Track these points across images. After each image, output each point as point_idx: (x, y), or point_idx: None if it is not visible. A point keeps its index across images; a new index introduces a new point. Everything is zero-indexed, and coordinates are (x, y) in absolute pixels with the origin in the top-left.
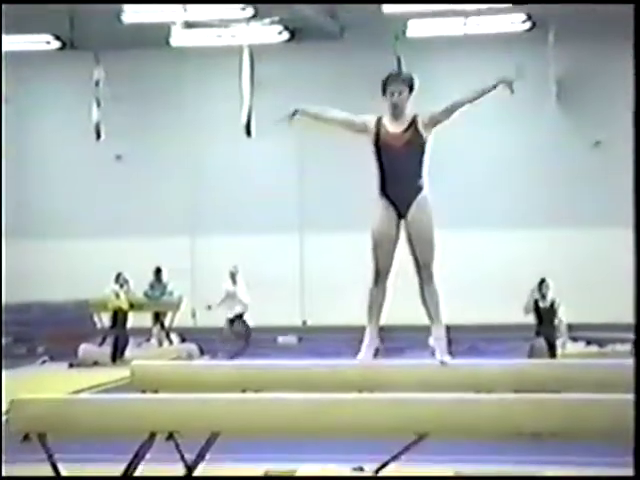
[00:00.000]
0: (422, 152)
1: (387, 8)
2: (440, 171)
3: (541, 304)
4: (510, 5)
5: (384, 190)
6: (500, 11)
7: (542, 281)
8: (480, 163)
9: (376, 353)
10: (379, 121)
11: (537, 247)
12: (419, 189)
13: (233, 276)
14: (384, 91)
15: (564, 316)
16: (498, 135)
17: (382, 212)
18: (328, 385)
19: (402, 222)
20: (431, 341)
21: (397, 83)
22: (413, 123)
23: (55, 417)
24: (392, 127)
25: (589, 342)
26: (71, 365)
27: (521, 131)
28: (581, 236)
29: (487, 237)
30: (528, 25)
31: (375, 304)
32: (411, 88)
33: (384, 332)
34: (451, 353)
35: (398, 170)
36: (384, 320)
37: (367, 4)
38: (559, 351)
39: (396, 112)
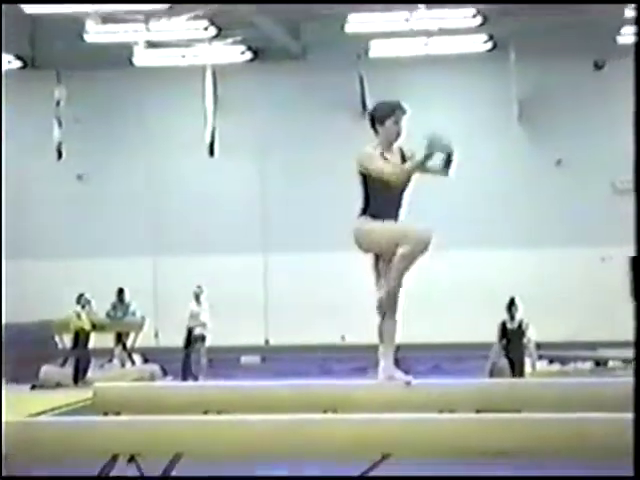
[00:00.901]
0: (407, 186)
1: (350, 28)
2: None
3: (509, 325)
4: (472, 26)
5: (372, 212)
6: (462, 32)
7: (511, 301)
8: (444, 184)
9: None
10: (382, 154)
11: (503, 266)
12: (399, 216)
13: (197, 297)
14: (386, 117)
15: (533, 336)
16: (461, 156)
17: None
18: (292, 406)
19: None
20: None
21: (405, 113)
22: (403, 155)
23: (16, 440)
24: (392, 158)
25: (551, 360)
26: (33, 387)
27: (484, 151)
28: (545, 255)
29: (453, 257)
30: (489, 45)
31: None
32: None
33: (349, 352)
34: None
35: (395, 201)
36: (351, 339)
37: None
38: (529, 370)
39: (393, 140)
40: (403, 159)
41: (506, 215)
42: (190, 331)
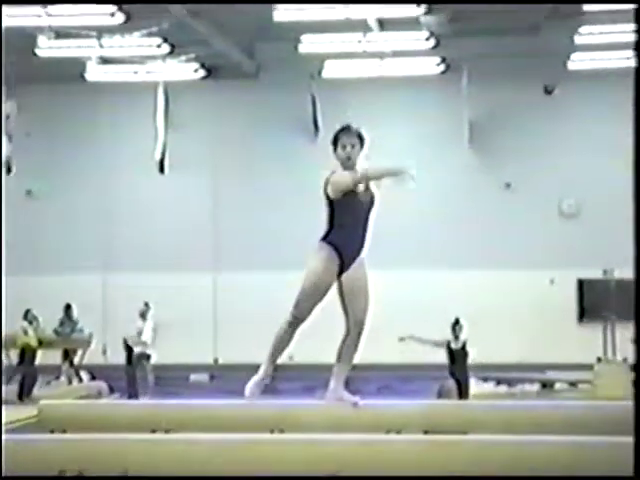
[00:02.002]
0: (372, 209)
1: (303, 48)
2: None
3: (453, 345)
4: (425, 48)
5: (334, 240)
6: (415, 54)
7: (456, 322)
8: (394, 204)
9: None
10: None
11: (452, 287)
12: (363, 245)
13: (143, 314)
14: (335, 143)
15: (473, 356)
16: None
17: (327, 260)
18: (240, 425)
19: (340, 276)
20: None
21: (350, 136)
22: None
23: None
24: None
25: (499, 382)
26: None
27: (435, 173)
28: (494, 277)
29: (402, 277)
30: (442, 68)
31: (283, 346)
32: (362, 142)
33: (297, 371)
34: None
35: (357, 224)
36: (304, 359)
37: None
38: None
39: (348, 165)
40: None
41: (456, 236)
42: (130, 349)
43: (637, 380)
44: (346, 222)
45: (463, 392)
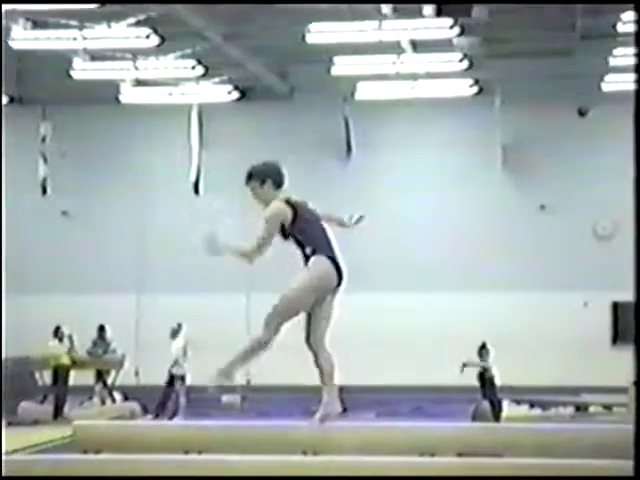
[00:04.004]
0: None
1: (336, 70)
2: (391, 236)
3: (484, 367)
4: (459, 70)
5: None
6: (448, 75)
7: (482, 346)
8: (428, 228)
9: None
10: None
11: (484, 310)
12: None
13: (175, 333)
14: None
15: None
16: (445, 200)
17: (329, 271)
18: (272, 446)
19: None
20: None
21: (247, 183)
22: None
23: None
24: None
25: (532, 405)
26: (10, 423)
27: (468, 196)
28: (528, 299)
29: (437, 300)
30: (475, 90)
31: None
32: (262, 180)
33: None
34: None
35: (321, 234)
36: (337, 381)
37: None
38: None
39: (266, 204)
40: None
41: (490, 259)
42: (170, 371)
43: (638, 381)
44: (306, 234)
45: (495, 415)
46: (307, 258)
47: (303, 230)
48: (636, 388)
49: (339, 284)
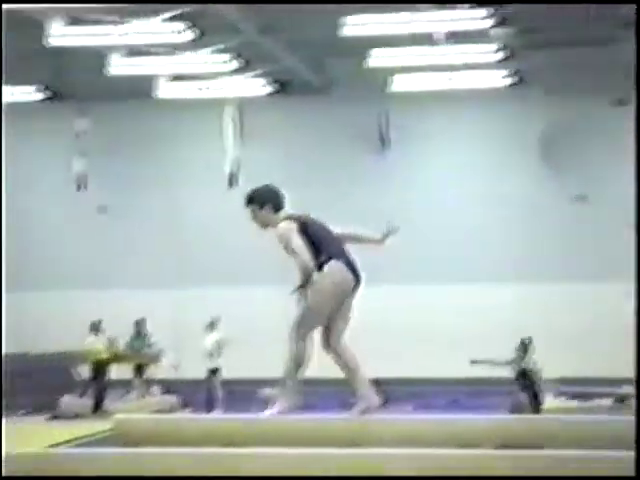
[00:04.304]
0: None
1: (373, 62)
2: (427, 229)
3: (523, 363)
4: (496, 61)
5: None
6: (485, 66)
7: (525, 339)
8: (464, 220)
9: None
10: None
11: (521, 302)
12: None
13: (211, 326)
14: None
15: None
16: (482, 191)
17: (345, 275)
18: (313, 439)
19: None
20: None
21: (247, 207)
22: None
23: (38, 470)
24: None
25: (572, 397)
26: (52, 417)
27: (505, 187)
28: (565, 291)
29: (471, 292)
30: (512, 80)
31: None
32: (261, 204)
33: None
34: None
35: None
36: (373, 373)
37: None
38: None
39: (266, 227)
40: None
41: (527, 250)
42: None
43: (637, 380)
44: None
45: (534, 407)
46: (321, 266)
47: (312, 241)
48: (636, 387)
49: (357, 286)
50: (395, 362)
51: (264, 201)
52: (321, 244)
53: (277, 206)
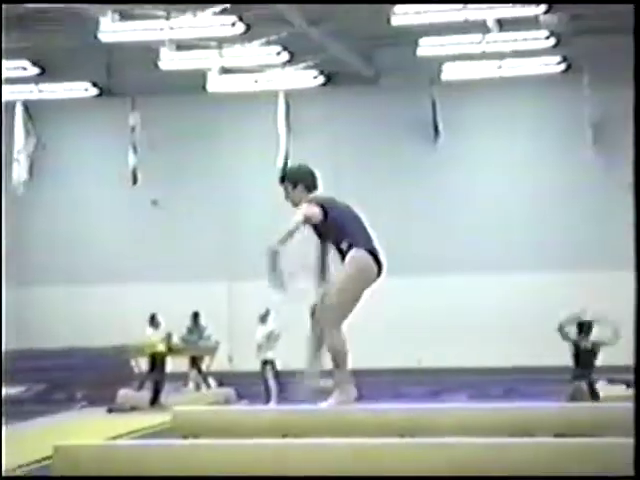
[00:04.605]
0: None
1: (422, 51)
2: (481, 218)
3: (582, 345)
4: (547, 47)
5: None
6: (535, 53)
7: (585, 321)
8: (518, 209)
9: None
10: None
11: (573, 289)
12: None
13: (263, 318)
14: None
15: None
16: (534, 177)
17: (368, 262)
18: (369, 429)
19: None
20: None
21: (281, 183)
22: None
23: (99, 463)
24: None
25: (629, 385)
26: (110, 410)
27: (557, 173)
28: (617, 278)
29: (524, 280)
30: (563, 67)
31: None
32: (294, 183)
33: (428, 375)
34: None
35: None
36: (431, 363)
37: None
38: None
39: (297, 205)
40: None
41: (580, 237)
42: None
43: (637, 379)
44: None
45: (592, 394)
46: (343, 254)
47: (336, 225)
48: (635, 384)
49: (379, 274)
50: (450, 351)
51: (297, 180)
52: (343, 232)
53: (310, 186)
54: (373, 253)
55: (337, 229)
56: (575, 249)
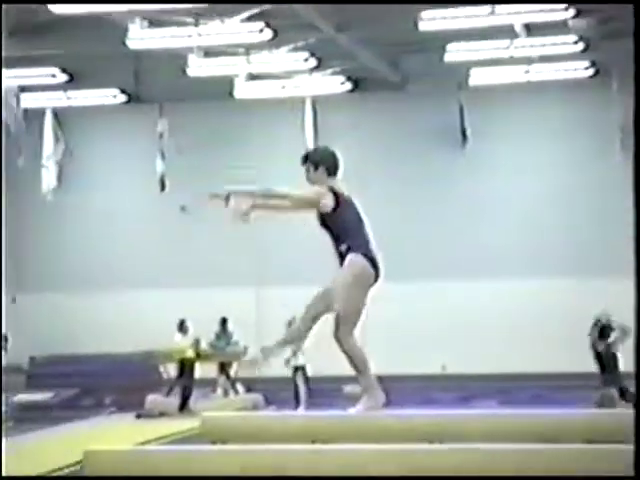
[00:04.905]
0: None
1: (449, 57)
2: (511, 224)
3: (599, 347)
4: (575, 52)
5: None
6: (563, 58)
7: (604, 323)
8: (547, 213)
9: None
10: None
11: (600, 296)
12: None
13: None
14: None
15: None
16: (563, 182)
17: (366, 268)
18: (397, 435)
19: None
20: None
21: (303, 163)
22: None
23: (129, 468)
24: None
25: None
26: (138, 416)
27: (586, 180)
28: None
29: (551, 285)
30: (592, 72)
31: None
32: (316, 164)
33: (452, 381)
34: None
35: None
36: (456, 369)
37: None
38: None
39: (315, 185)
40: None
41: (610, 242)
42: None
43: (637, 379)
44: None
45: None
46: (341, 256)
47: (341, 222)
48: (636, 388)
49: (376, 280)
50: (479, 358)
51: (320, 162)
52: (346, 232)
53: (332, 170)
54: (370, 258)
55: (341, 228)
56: (607, 254)
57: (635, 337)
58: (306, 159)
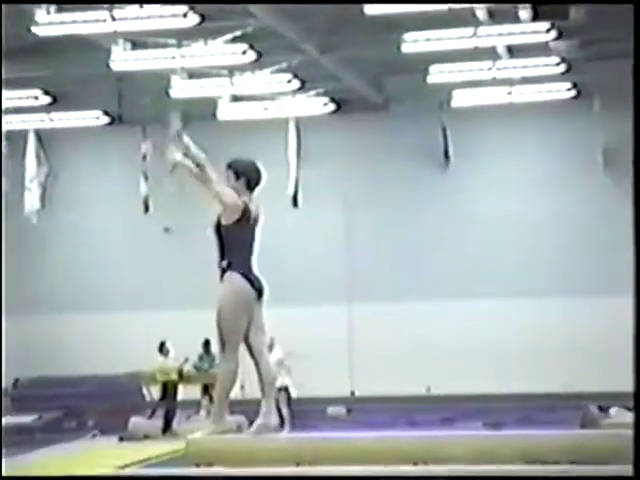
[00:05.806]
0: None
1: (432, 78)
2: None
3: None
4: (557, 73)
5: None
6: (545, 79)
7: None
8: (530, 234)
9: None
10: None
11: (583, 314)
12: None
13: (270, 347)
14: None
15: None
16: (545, 203)
17: (243, 286)
18: (382, 457)
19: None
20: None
21: (226, 170)
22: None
23: None
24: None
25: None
26: (121, 439)
27: (569, 200)
28: (623, 305)
29: (537, 305)
30: (573, 93)
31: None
32: (237, 174)
33: (438, 402)
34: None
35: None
36: (440, 390)
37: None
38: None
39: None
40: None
41: (595, 263)
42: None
43: (637, 380)
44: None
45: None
46: (223, 271)
47: (232, 237)
48: (634, 395)
49: (259, 298)
50: (464, 379)
51: (241, 173)
52: (230, 248)
53: (252, 183)
54: (248, 277)
55: (229, 242)
56: (592, 274)
57: (634, 342)
58: (230, 166)
